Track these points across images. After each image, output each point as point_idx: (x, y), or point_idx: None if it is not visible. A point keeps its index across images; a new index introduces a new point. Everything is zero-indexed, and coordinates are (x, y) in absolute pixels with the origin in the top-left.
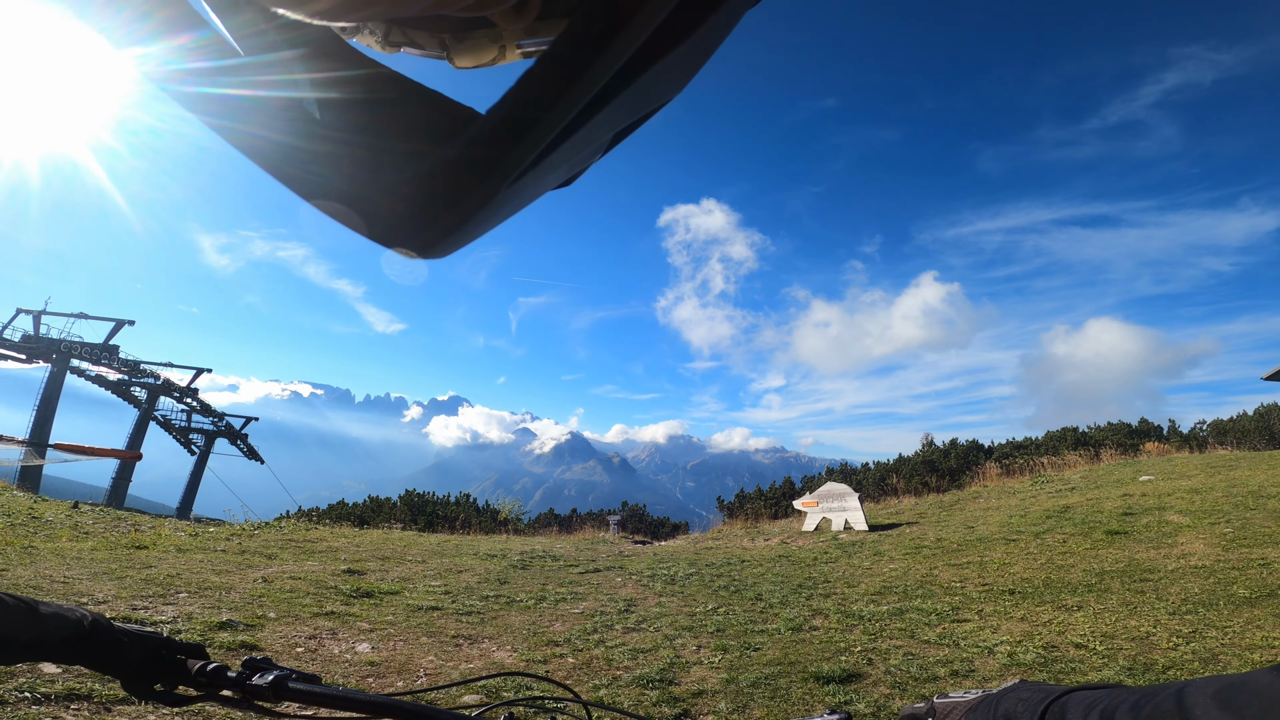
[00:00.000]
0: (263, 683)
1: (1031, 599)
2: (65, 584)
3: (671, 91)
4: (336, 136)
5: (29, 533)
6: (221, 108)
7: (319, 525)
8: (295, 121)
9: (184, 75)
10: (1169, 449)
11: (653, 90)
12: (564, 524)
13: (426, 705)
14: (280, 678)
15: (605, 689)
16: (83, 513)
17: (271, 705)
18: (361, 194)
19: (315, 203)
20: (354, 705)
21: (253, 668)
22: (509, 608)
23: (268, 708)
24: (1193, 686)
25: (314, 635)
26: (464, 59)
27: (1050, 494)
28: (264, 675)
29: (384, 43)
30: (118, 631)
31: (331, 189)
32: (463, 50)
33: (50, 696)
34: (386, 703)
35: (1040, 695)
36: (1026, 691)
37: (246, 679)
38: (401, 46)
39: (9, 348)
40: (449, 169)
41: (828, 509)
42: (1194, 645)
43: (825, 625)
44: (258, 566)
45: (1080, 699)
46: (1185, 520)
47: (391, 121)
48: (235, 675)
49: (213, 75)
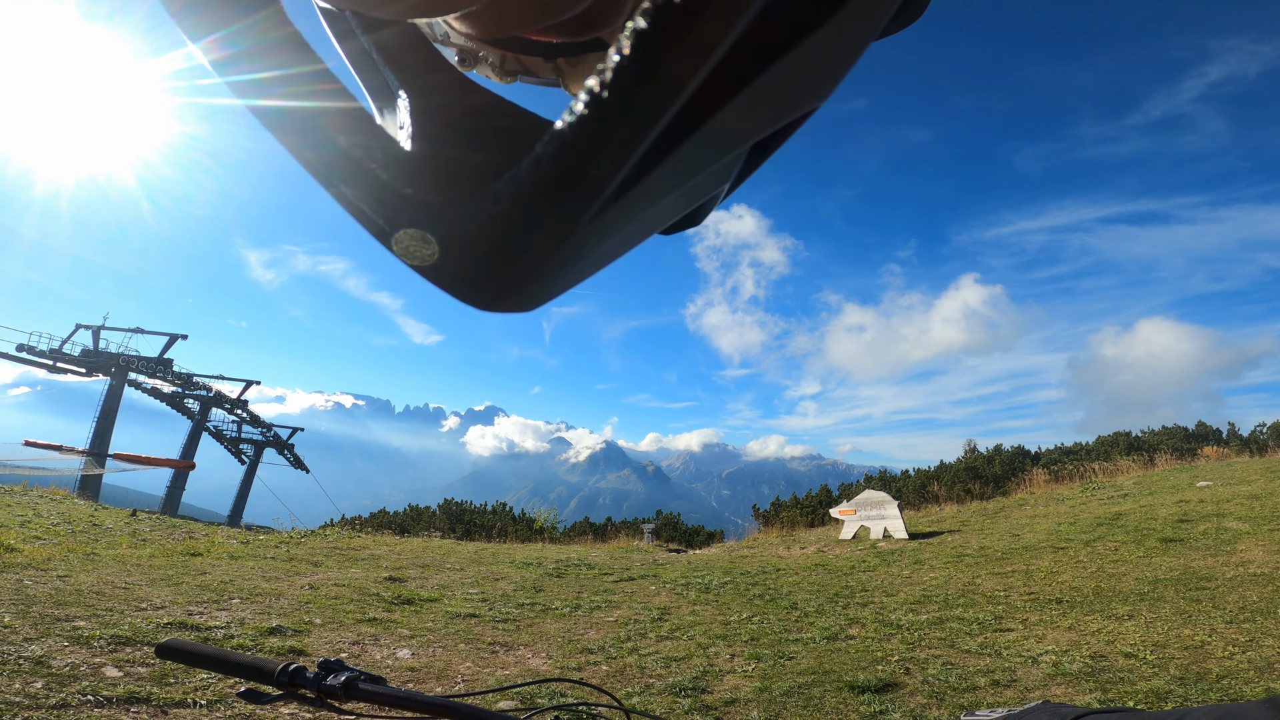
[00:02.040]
0: (335, 683)
1: (1080, 608)
2: (126, 589)
3: (816, 94)
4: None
5: (90, 539)
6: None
7: (362, 533)
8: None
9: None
10: (1228, 453)
11: (789, 88)
12: (598, 532)
13: (484, 709)
14: (351, 678)
15: (638, 696)
16: (140, 520)
17: (341, 704)
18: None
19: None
20: (415, 705)
21: (327, 669)
22: (544, 615)
23: (339, 707)
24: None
25: (357, 641)
26: (577, 85)
27: (1101, 500)
28: (337, 676)
29: (500, 71)
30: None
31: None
32: (576, 75)
33: (111, 700)
34: (445, 704)
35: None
36: (1043, 713)
37: (322, 679)
38: (518, 75)
39: (70, 362)
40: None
41: (866, 517)
42: (1250, 654)
43: (862, 634)
44: (304, 574)
45: None
46: (1244, 527)
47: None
48: (312, 675)
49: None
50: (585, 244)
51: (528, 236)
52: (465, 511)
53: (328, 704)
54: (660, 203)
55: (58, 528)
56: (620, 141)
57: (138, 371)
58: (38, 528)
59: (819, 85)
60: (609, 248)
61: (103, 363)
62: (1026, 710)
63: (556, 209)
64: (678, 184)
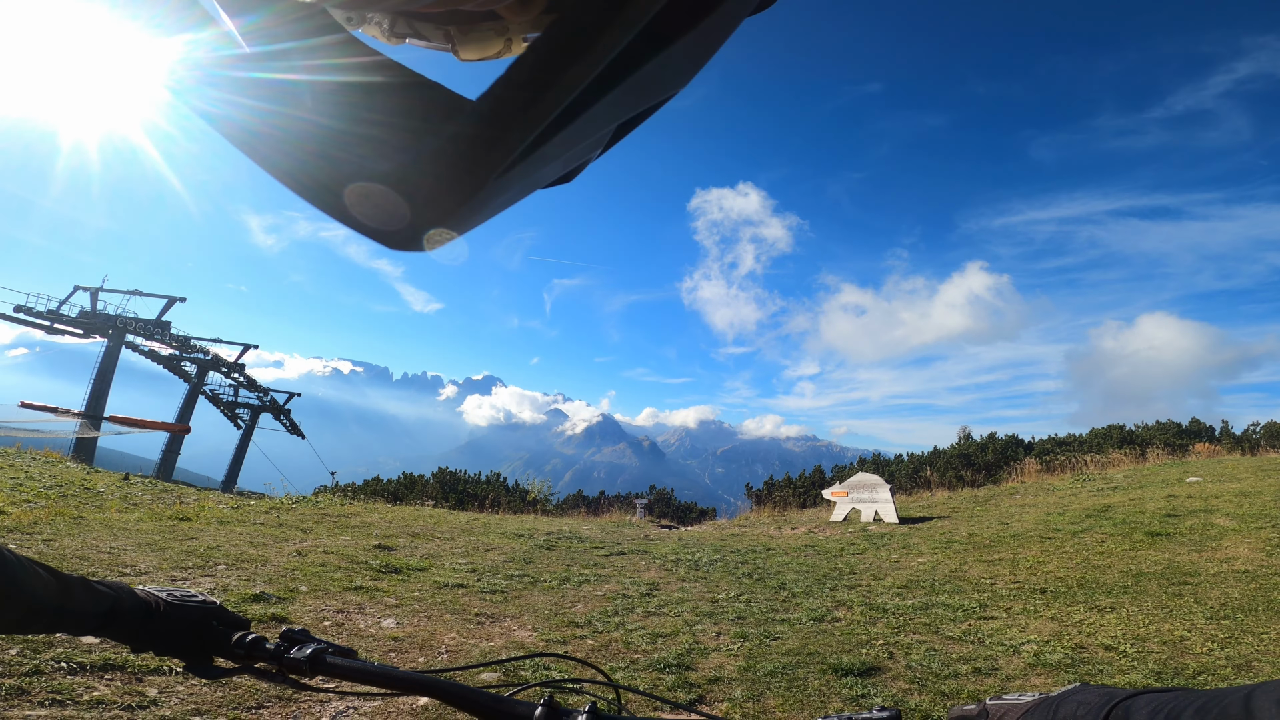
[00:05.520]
0: (300, 656)
1: (1063, 598)
2: (110, 554)
3: (675, 85)
4: (330, 126)
5: (80, 503)
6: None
7: (354, 500)
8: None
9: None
10: (1220, 450)
11: (653, 83)
12: (592, 506)
13: (464, 685)
14: (317, 651)
15: (622, 671)
16: (132, 484)
17: (307, 679)
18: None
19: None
20: (390, 682)
21: (290, 640)
22: (532, 588)
23: (303, 682)
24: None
25: (341, 609)
26: (469, 52)
27: (1091, 492)
28: (302, 649)
29: (389, 34)
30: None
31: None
32: (468, 43)
33: (85, 667)
34: (422, 680)
35: (1102, 699)
36: (1087, 694)
37: (284, 651)
38: (406, 38)
39: (68, 323)
40: (434, 160)
41: (858, 499)
42: (1228, 651)
43: (848, 617)
44: (293, 540)
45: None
46: (1231, 524)
47: (385, 111)
48: (273, 648)
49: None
50: (493, 194)
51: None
52: (459, 481)
53: (290, 679)
54: (546, 167)
55: (49, 491)
56: (525, 122)
57: (135, 334)
58: (29, 490)
59: (680, 77)
60: (508, 197)
61: (100, 324)
62: (1065, 692)
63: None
64: (561, 153)
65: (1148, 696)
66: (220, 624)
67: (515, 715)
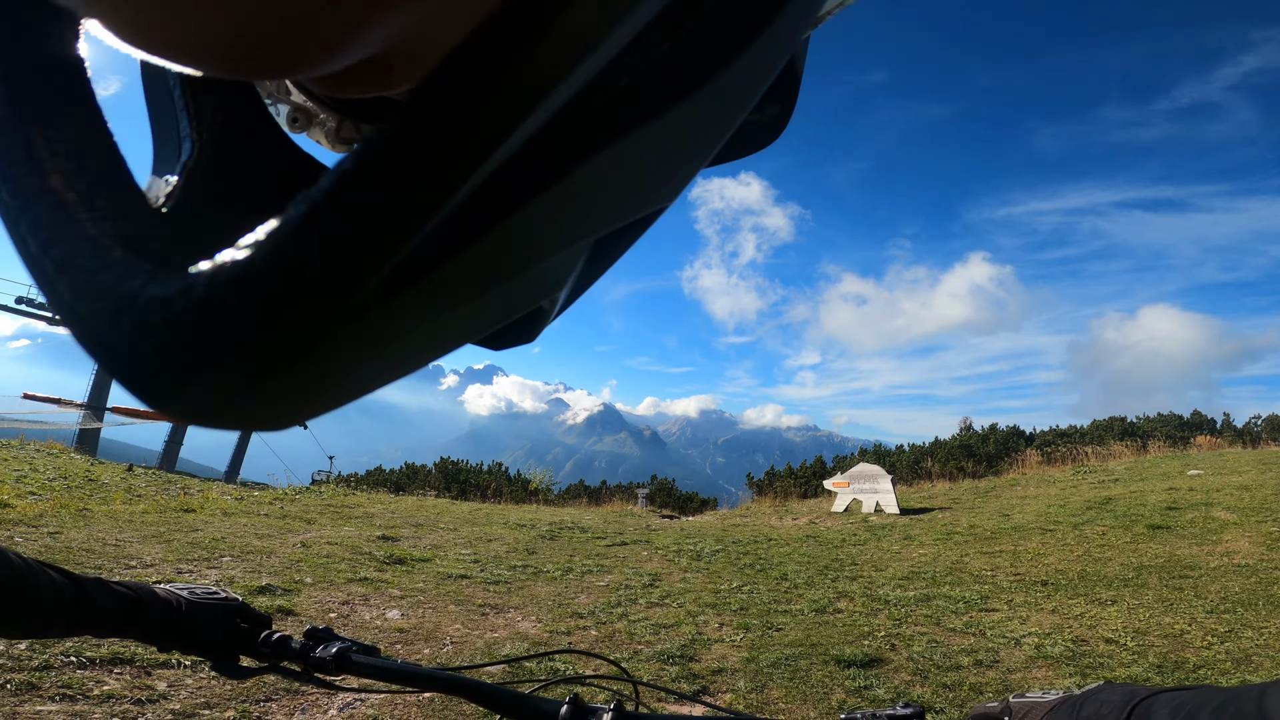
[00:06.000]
0: (326, 655)
1: (1065, 591)
2: (117, 546)
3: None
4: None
5: (84, 495)
6: None
7: (357, 491)
8: None
9: None
10: (1221, 443)
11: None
12: (593, 495)
13: (488, 682)
14: (343, 650)
15: (626, 663)
16: (136, 475)
17: (332, 678)
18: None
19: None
20: (414, 680)
21: (315, 638)
22: (536, 578)
23: (329, 680)
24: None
25: (347, 601)
26: None
27: (1092, 484)
28: (327, 647)
29: (335, 139)
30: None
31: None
32: None
33: (95, 661)
34: (445, 678)
35: (1125, 698)
36: (1111, 693)
37: (310, 650)
38: (353, 143)
39: None
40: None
41: (859, 490)
42: (1228, 645)
43: (850, 608)
44: (297, 531)
45: (1166, 701)
46: (1232, 517)
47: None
48: (299, 646)
49: None
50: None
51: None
52: (461, 471)
53: (316, 678)
54: (462, 303)
55: (53, 483)
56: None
57: None
58: (33, 483)
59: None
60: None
61: None
62: (1089, 691)
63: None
64: (488, 277)
65: (1168, 695)
66: (243, 621)
67: (541, 713)
